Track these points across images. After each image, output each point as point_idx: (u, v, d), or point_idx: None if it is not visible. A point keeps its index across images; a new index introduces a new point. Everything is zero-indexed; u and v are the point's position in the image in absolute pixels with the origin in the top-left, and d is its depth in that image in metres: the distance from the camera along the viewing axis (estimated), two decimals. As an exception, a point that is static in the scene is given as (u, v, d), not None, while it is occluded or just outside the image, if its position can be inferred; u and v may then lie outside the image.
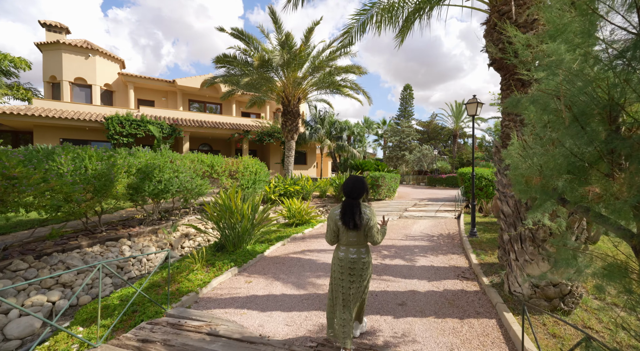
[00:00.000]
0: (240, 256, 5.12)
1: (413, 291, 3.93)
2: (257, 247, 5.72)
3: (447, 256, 5.55)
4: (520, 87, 4.51)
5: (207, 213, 5.50)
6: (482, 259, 5.03)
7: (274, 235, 6.88)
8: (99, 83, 16.00)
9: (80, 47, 15.10)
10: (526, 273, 3.39)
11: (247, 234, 5.58)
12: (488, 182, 11.94)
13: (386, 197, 14.14)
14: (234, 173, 10.00)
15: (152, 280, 4.19)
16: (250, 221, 5.61)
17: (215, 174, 9.35)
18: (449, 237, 7.11)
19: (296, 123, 13.87)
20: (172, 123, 15.37)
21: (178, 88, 18.50)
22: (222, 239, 5.52)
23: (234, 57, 11.54)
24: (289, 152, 14.07)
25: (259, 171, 10.59)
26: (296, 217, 8.22)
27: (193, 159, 8.87)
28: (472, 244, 6.08)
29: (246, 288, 4.04)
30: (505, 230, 4.46)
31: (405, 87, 37.10)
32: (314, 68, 12.02)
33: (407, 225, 8.69)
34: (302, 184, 12.75)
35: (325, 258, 5.42)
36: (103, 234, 6.55)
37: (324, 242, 6.59)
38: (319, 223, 8.58)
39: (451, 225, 8.67)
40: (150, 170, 7.13)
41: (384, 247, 6.18)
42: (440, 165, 27.12)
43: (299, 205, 8.37)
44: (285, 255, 5.58)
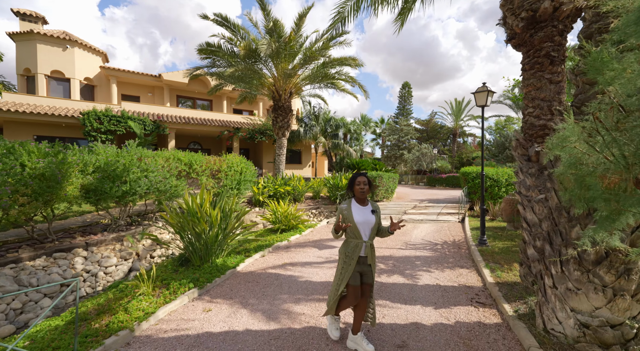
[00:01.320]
0: (206, 273, 4.21)
1: (416, 325, 3.04)
2: (230, 260, 4.81)
3: (455, 271, 4.67)
4: (548, 65, 3.61)
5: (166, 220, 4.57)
6: (498, 276, 4.15)
7: (254, 244, 5.97)
8: (78, 77, 15.00)
9: (56, 38, 14.10)
10: (570, 307, 2.51)
11: (217, 245, 4.67)
12: (493, 182, 11.10)
13: (384, 198, 13.26)
14: (216, 173, 9.08)
15: (83, 309, 3.27)
16: (221, 229, 4.70)
17: (194, 174, 8.43)
18: (454, 245, 6.23)
19: (287, 119, 12.96)
20: (156, 119, 14.42)
21: (165, 83, 17.54)
22: (187, 251, 4.61)
23: (219, 47, 10.60)
24: (279, 150, 13.16)
25: (244, 170, 9.67)
26: (282, 222, 7.31)
27: (168, 157, 7.94)
28: (482, 255, 5.21)
29: (201, 321, 3.14)
30: (529, 243, 3.58)
31: (403, 85, 36.27)
32: (306, 58, 11.11)
33: (406, 230, 7.80)
34: (293, 184, 11.86)
35: (308, 274, 4.52)
36: (54, 244, 5.62)
37: (310, 253, 5.69)
38: (308, 229, 7.68)
39: (455, 230, 7.80)
40: (113, 169, 6.21)
41: (380, 259, 5.29)
42: (440, 164, 26.29)
43: (286, 209, 7.46)
44: (262, 270, 4.67)
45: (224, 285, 4.09)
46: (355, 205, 2.52)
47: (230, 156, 9.74)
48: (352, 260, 2.45)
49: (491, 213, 9.09)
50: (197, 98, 19.70)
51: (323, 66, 12.10)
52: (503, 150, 25.18)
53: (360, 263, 2.49)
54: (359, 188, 2.51)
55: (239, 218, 4.92)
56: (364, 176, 2.55)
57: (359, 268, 2.48)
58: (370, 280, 2.53)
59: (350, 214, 2.47)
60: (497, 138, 26.46)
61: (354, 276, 2.47)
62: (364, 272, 2.51)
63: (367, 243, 2.47)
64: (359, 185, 2.51)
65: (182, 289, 3.68)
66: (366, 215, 2.48)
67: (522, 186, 3.73)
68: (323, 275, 4.51)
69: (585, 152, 1.61)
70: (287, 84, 12.42)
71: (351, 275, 2.46)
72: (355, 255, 2.45)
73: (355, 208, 2.50)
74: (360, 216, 2.47)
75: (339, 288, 2.51)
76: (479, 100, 5.85)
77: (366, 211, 2.50)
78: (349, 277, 2.46)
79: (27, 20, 14.14)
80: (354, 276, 2.47)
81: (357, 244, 2.47)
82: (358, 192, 2.51)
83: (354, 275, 2.46)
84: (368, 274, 2.52)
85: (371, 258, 2.52)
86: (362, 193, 2.50)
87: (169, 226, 4.78)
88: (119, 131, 13.14)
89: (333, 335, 2.73)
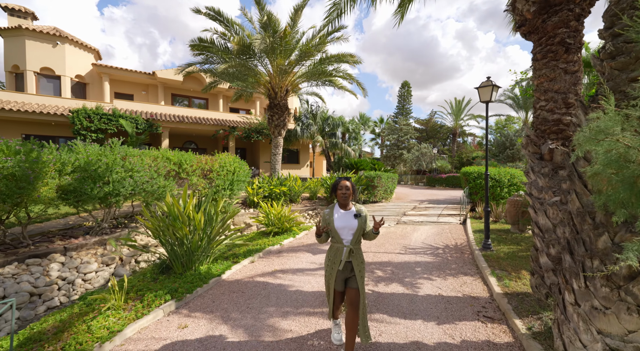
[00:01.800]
0: (187, 282, 3.85)
1: (417, 345, 2.69)
2: (216, 267, 4.45)
3: (459, 278, 4.31)
4: (563, 53, 3.26)
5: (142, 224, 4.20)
6: (506, 286, 3.80)
7: (244, 249, 5.61)
8: (69, 74, 14.61)
9: (46, 33, 13.71)
10: (596, 329, 2.15)
11: (200, 251, 4.31)
12: (495, 183, 10.77)
13: (383, 199, 12.91)
14: (208, 173, 8.71)
15: (42, 326, 2.91)
16: (205, 234, 4.33)
17: (184, 174, 8.06)
18: (456, 250, 5.88)
19: (284, 117, 12.60)
20: (149, 118, 14.04)
21: (159, 81, 17.15)
22: (169, 258, 4.24)
23: (212, 42, 10.22)
24: (275, 150, 12.79)
25: (237, 170, 9.30)
26: (275, 225, 6.95)
27: (156, 156, 7.57)
28: (487, 261, 4.86)
29: (174, 340, 2.77)
30: (542, 251, 3.23)
31: (403, 84, 35.97)
32: (302, 55, 10.74)
33: (406, 233, 7.45)
34: (289, 185, 11.50)
35: (300, 283, 4.16)
36: (28, 249, 5.24)
37: (303, 258, 5.33)
38: (303, 232, 7.32)
39: (457, 232, 7.45)
40: (94, 169, 5.84)
41: (378, 265, 4.93)
42: (439, 164, 25.95)
43: (279, 210, 7.10)
44: (250, 278, 4.31)
45: (205, 296, 3.72)
46: (338, 209, 2.52)
47: (223, 155, 9.37)
48: (335, 264, 2.45)
49: (493, 214, 8.74)
50: (192, 96, 19.33)
51: (320, 63, 11.74)
52: (503, 149, 24.86)
53: (343, 269, 2.44)
54: (341, 193, 2.49)
55: (225, 221, 4.55)
56: (346, 181, 2.54)
57: (342, 274, 2.46)
58: (355, 285, 2.43)
59: (331, 218, 2.48)
60: (497, 138, 26.14)
61: (337, 281, 2.47)
62: (348, 277, 2.48)
63: (347, 248, 2.42)
64: (341, 190, 2.50)
65: (157, 301, 3.32)
66: (347, 219, 2.46)
67: (533, 187, 3.38)
68: (315, 283, 4.16)
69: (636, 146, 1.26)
70: (283, 81, 12.06)
71: (334, 280, 2.46)
72: (337, 259, 2.45)
73: (337, 213, 2.50)
74: (340, 221, 2.46)
75: (329, 296, 2.53)
76: (483, 96, 5.50)
77: (348, 215, 2.48)
78: (333, 282, 2.46)
79: (15, 16, 13.75)
80: (338, 282, 2.47)
81: (338, 248, 2.46)
82: (340, 197, 2.49)
83: (337, 281, 2.46)
84: (352, 279, 2.46)
85: (356, 263, 2.45)
86: (344, 199, 2.49)
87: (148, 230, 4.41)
88: (110, 129, 12.75)
89: (334, 338, 2.68)
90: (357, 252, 2.45)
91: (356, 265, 2.44)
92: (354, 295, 2.38)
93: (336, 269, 2.43)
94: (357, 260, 2.45)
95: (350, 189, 2.50)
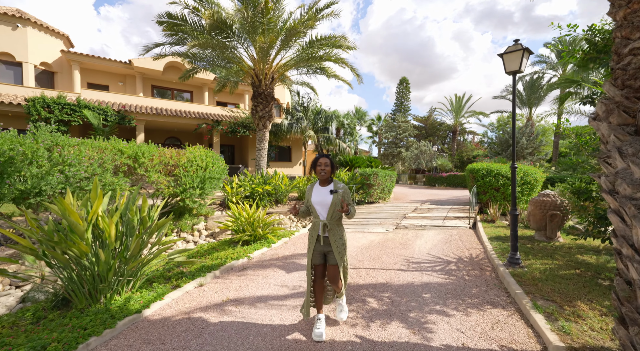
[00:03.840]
0: (78, 326, 2.51)
1: None
2: (140, 297, 3.11)
3: (487, 313, 3.01)
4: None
5: (13, 239, 2.84)
6: (566, 332, 2.50)
7: (196, 265, 4.27)
8: (32, 61, 13.16)
9: (3, 14, 12.26)
10: None
11: (112, 275, 2.97)
12: (506, 181, 9.52)
13: (380, 199, 11.62)
14: (173, 169, 7.35)
15: None
16: (121, 251, 2.99)
17: (142, 169, 6.70)
18: (473, 264, 4.59)
19: (269, 108, 11.27)
20: (120, 109, 12.65)
21: (137, 71, 15.74)
22: (65, 287, 2.91)
23: (183, 19, 8.86)
24: (260, 144, 11.46)
25: (210, 166, 7.94)
26: (246, 231, 5.62)
27: (104, 148, 6.20)
28: (521, 283, 3.56)
29: None
30: None
31: (401, 81, 34.76)
32: (288, 34, 9.40)
33: (407, 240, 6.15)
34: (274, 183, 10.18)
35: (260, 319, 2.84)
36: None
37: (273, 278, 4.01)
38: (281, 240, 5.98)
39: (468, 239, 6.17)
40: (5, 160, 4.49)
41: (371, 289, 3.62)
42: (440, 162, 24.72)
43: (251, 213, 5.76)
44: (185, 315, 2.97)
45: (101, 351, 2.39)
46: (317, 186, 2.62)
47: (194, 148, 8.01)
48: (313, 238, 2.58)
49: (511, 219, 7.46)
50: (175, 89, 17.93)
51: (310, 46, 10.43)
52: (507, 147, 23.70)
53: (321, 243, 2.56)
54: (319, 170, 2.56)
55: (151, 232, 3.19)
56: (326, 158, 2.59)
57: (320, 248, 2.57)
58: (333, 262, 2.54)
59: (309, 193, 2.62)
60: (500, 136, 24.99)
61: (315, 255, 2.58)
62: (326, 252, 2.57)
63: (323, 223, 2.53)
64: (319, 167, 2.57)
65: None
66: (323, 195, 2.55)
67: (622, 181, 2.08)
68: (285, 319, 2.84)
69: None
70: (267, 66, 10.73)
71: (312, 253, 2.57)
72: (314, 233, 2.58)
73: (315, 189, 2.61)
74: (317, 196, 2.56)
75: (308, 271, 2.61)
76: (510, 65, 4.20)
77: (324, 191, 2.56)
78: (311, 258, 2.57)
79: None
80: (315, 256, 2.58)
81: (315, 223, 2.59)
82: (319, 172, 2.56)
83: (314, 255, 2.58)
84: (330, 255, 2.55)
85: (333, 239, 2.54)
86: (322, 175, 2.55)
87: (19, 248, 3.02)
88: (74, 121, 11.35)
89: (315, 334, 2.53)
90: (332, 227, 2.54)
91: (333, 240, 2.53)
92: (333, 271, 2.53)
93: (314, 243, 2.56)
94: (335, 235, 2.55)
95: (329, 165, 2.56)
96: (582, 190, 3.64)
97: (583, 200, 3.63)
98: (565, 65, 22.71)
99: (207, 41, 8.63)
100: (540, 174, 10.30)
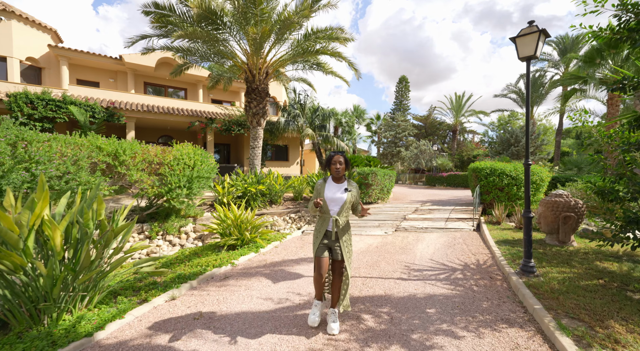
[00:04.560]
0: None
1: None
2: (97, 316, 2.65)
3: (502, 333, 2.56)
4: None
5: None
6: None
7: (171, 275, 3.80)
8: (17, 56, 12.67)
9: (-13, 7, 11.77)
10: None
11: (67, 290, 2.50)
12: (511, 180, 9.08)
13: (379, 199, 11.16)
14: (158, 167, 6.88)
15: None
16: (69, 263, 2.53)
17: (123, 168, 6.23)
18: (481, 272, 4.13)
19: (263, 105, 10.80)
20: (109, 106, 12.16)
21: (128, 68, 15.25)
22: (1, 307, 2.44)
23: (171, 10, 8.39)
24: (254, 142, 10.99)
25: (198, 164, 7.47)
26: (232, 234, 5.15)
27: (80, 144, 5.73)
28: (538, 296, 3.11)
29: None
30: None
31: (400, 79, 34.28)
32: (283, 26, 8.93)
33: (407, 244, 5.70)
34: (268, 183, 9.72)
35: (240, 342, 2.37)
36: None
37: (257, 289, 3.54)
38: (272, 244, 5.51)
39: (473, 243, 5.71)
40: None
41: (367, 302, 3.16)
42: (440, 162, 24.27)
43: (238, 214, 5.30)
44: (146, 338, 2.50)
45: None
46: (331, 182, 2.64)
47: (181, 146, 7.54)
48: (320, 233, 2.61)
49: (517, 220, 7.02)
50: (168, 86, 17.44)
51: (305, 39, 9.97)
52: (508, 146, 23.28)
53: (328, 238, 2.60)
54: (334, 168, 2.57)
55: (107, 239, 2.72)
56: (341, 155, 2.60)
57: (328, 243, 2.61)
58: (339, 257, 2.59)
59: (322, 190, 2.61)
60: (501, 135, 24.56)
61: (321, 248, 2.59)
62: (332, 248, 2.61)
63: (334, 218, 2.56)
64: (334, 165, 2.57)
65: None
66: (337, 192, 2.58)
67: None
68: (264, 343, 2.37)
69: None
70: (261, 61, 10.26)
71: (318, 246, 2.59)
72: (323, 228, 2.60)
73: (328, 185, 2.63)
74: (330, 192, 2.59)
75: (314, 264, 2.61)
76: (524, 49, 3.74)
77: (338, 188, 2.59)
78: (316, 250, 2.58)
79: (-49, -14, 11.80)
80: (321, 248, 2.59)
81: (325, 218, 2.61)
82: (334, 171, 2.58)
83: (320, 247, 2.59)
84: (337, 250, 2.59)
85: (341, 234, 2.59)
86: (337, 172, 2.57)
87: None
88: (60, 118, 10.86)
89: (310, 319, 2.65)
90: (343, 223, 2.60)
91: (341, 235, 2.59)
92: (339, 266, 2.61)
93: (320, 238, 2.59)
94: (343, 231, 2.61)
95: (343, 163, 2.57)
96: (607, 190, 3.19)
97: (609, 201, 3.18)
98: (567, 63, 22.31)
99: (195, 32, 8.16)
100: (546, 173, 9.86)
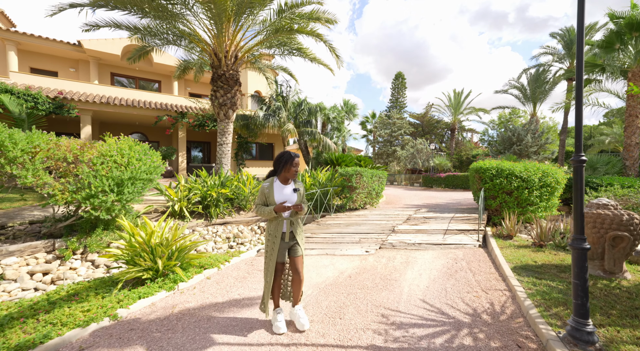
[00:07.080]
0: None
1: None
2: None
3: None
4: None
5: None
6: None
7: (8, 344, 2.25)
8: (-47, 39, 11.07)
9: None
10: None
11: None
12: (521, 183, 7.59)
13: (367, 205, 9.65)
14: (74, 166, 5.31)
15: None
16: None
17: (12, 166, 4.67)
18: (500, 330, 2.61)
19: (232, 94, 9.28)
20: (56, 96, 10.57)
21: (90, 56, 13.67)
22: None
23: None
24: (222, 138, 9.46)
25: (134, 162, 5.90)
26: (139, 263, 3.59)
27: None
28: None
29: None
30: None
31: (396, 76, 32.90)
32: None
33: (392, 271, 4.17)
34: (234, 186, 8.22)
35: None
36: None
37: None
38: (202, 273, 3.95)
39: (481, 269, 4.20)
40: None
41: None
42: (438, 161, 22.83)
43: (152, 231, 3.74)
44: None
45: None
46: (278, 184, 2.57)
47: (111, 140, 5.98)
48: (276, 238, 2.53)
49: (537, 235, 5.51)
50: (139, 78, 15.86)
51: (279, 16, 8.46)
52: (510, 145, 21.87)
53: (285, 239, 2.56)
54: (294, 170, 2.53)
55: None
56: (298, 157, 2.57)
57: (285, 245, 2.57)
58: (298, 253, 2.59)
59: (271, 193, 2.53)
60: (502, 133, 23.17)
61: (280, 253, 2.55)
62: (290, 247, 2.60)
63: (288, 220, 2.54)
64: (295, 167, 2.52)
65: None
66: (287, 194, 2.54)
67: None
68: None
69: None
70: (228, 41, 8.73)
71: (277, 253, 2.52)
72: (278, 232, 2.54)
73: (277, 188, 2.56)
74: (281, 195, 2.53)
75: (268, 271, 2.53)
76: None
77: (287, 190, 2.55)
78: (277, 256, 2.52)
79: None
80: (280, 253, 2.55)
81: (278, 222, 2.54)
82: (292, 173, 2.54)
83: (280, 253, 2.55)
84: (295, 248, 2.60)
85: (297, 231, 2.60)
86: (295, 175, 2.57)
87: None
88: (-7, 110, 9.26)
89: (277, 328, 2.53)
90: (296, 221, 2.61)
91: (297, 233, 2.60)
92: (299, 262, 2.58)
93: (278, 242, 2.52)
94: (298, 228, 2.62)
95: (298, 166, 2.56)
96: None
97: None
98: (573, 57, 20.97)
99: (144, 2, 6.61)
100: (562, 175, 8.38)
